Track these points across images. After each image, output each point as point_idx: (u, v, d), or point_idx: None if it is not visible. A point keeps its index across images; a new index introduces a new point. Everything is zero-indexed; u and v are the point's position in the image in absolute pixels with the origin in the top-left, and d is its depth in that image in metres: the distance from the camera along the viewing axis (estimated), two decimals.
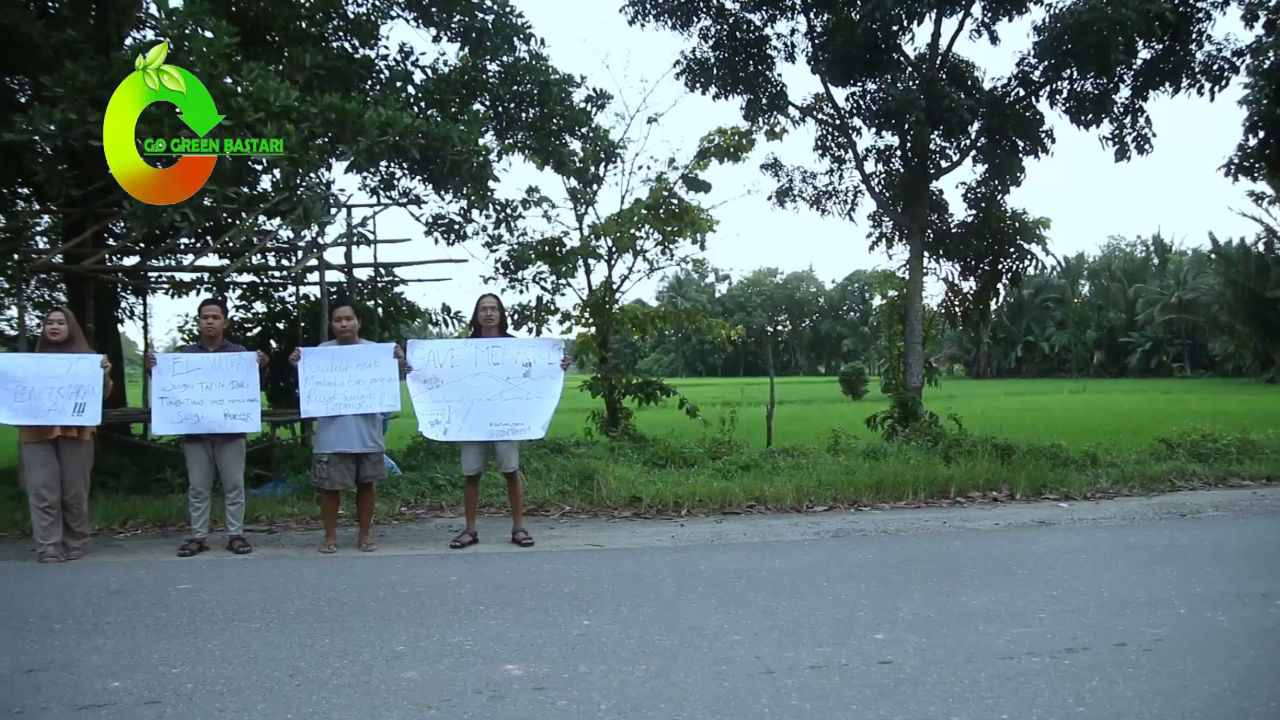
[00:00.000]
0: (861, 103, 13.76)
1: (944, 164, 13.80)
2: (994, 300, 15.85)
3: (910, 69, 13.35)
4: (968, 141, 13.60)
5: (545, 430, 7.44)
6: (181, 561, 6.81)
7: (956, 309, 15.23)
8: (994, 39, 13.37)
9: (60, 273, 11.86)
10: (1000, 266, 14.53)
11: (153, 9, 11.50)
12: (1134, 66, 12.29)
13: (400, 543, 7.50)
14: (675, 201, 13.35)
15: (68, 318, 7.18)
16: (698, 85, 13.62)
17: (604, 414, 13.52)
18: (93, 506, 7.49)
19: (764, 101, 13.85)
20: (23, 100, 11.15)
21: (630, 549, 7.15)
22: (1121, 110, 12.86)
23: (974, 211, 14.31)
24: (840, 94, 14.08)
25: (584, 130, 12.24)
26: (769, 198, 15.44)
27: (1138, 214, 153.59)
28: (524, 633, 4.59)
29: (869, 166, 14.43)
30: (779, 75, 13.88)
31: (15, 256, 10.95)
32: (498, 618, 4.89)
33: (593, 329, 13.76)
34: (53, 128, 8.12)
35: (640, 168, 13.93)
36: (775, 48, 13.78)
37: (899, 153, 13.92)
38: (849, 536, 7.45)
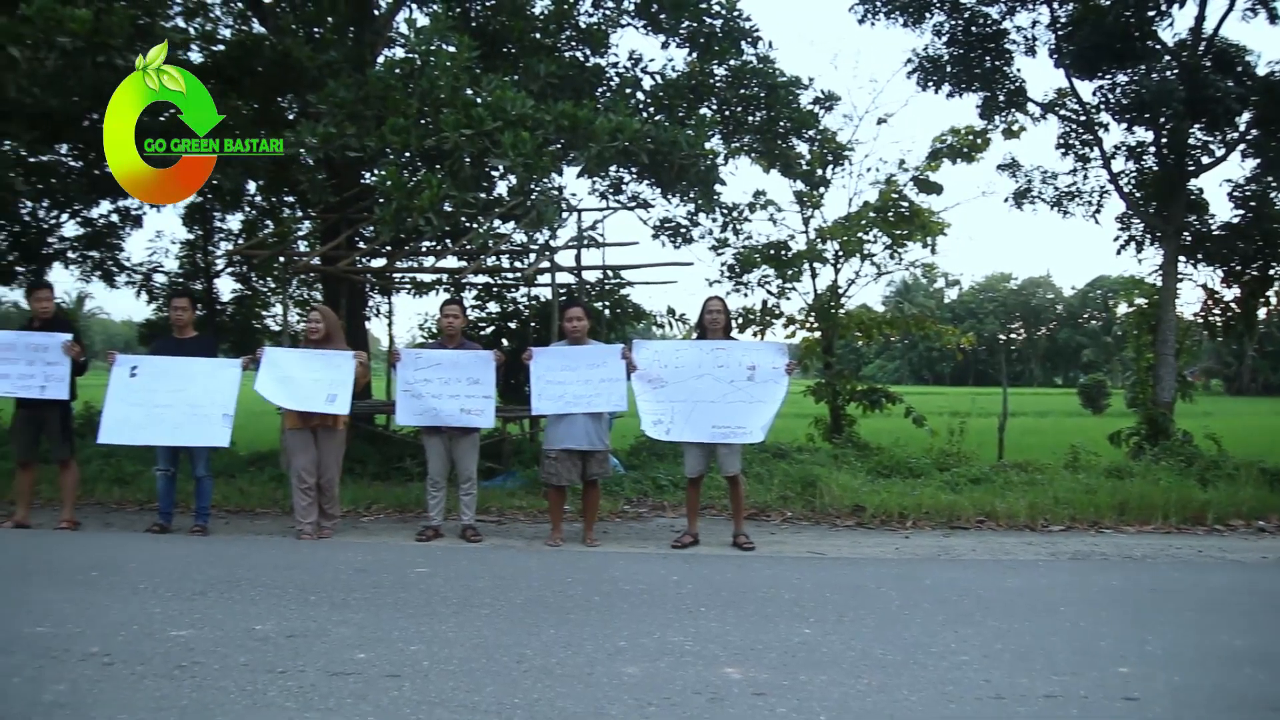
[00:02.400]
0: (1110, 96, 12.85)
1: (1205, 160, 12.71)
2: (1262, 309, 14.47)
3: (1168, 57, 12.37)
4: (1235, 134, 12.46)
5: (766, 434, 7.37)
6: (419, 546, 7.21)
7: (1216, 318, 14.00)
8: (1274, 17, 12.15)
9: (317, 273, 12.81)
10: (1271, 272, 13.25)
11: (402, 28, 12.29)
12: None
13: (623, 540, 7.64)
14: (905, 204, 12.96)
15: (326, 316, 7.74)
16: (930, 83, 13.18)
17: (827, 420, 13.28)
18: (342, 491, 8.04)
19: (1001, 98, 13.24)
20: (290, 117, 12.14)
21: (852, 559, 6.98)
22: None
23: (1241, 211, 13.09)
24: (1086, 88, 13.26)
25: (811, 132, 12.11)
26: (1005, 199, 14.72)
27: None
28: (744, 637, 4.55)
29: (1117, 164, 13.51)
30: (1017, 70, 13.23)
31: (281, 259, 11.94)
32: (718, 620, 4.87)
33: (817, 334, 13.56)
34: (315, 141, 8.77)
35: (869, 170, 13.61)
36: (1014, 41, 13.13)
37: (1152, 149, 12.96)
38: (1088, 559, 6.98)
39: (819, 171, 12.96)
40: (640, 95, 11.42)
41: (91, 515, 8.45)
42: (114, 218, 14.97)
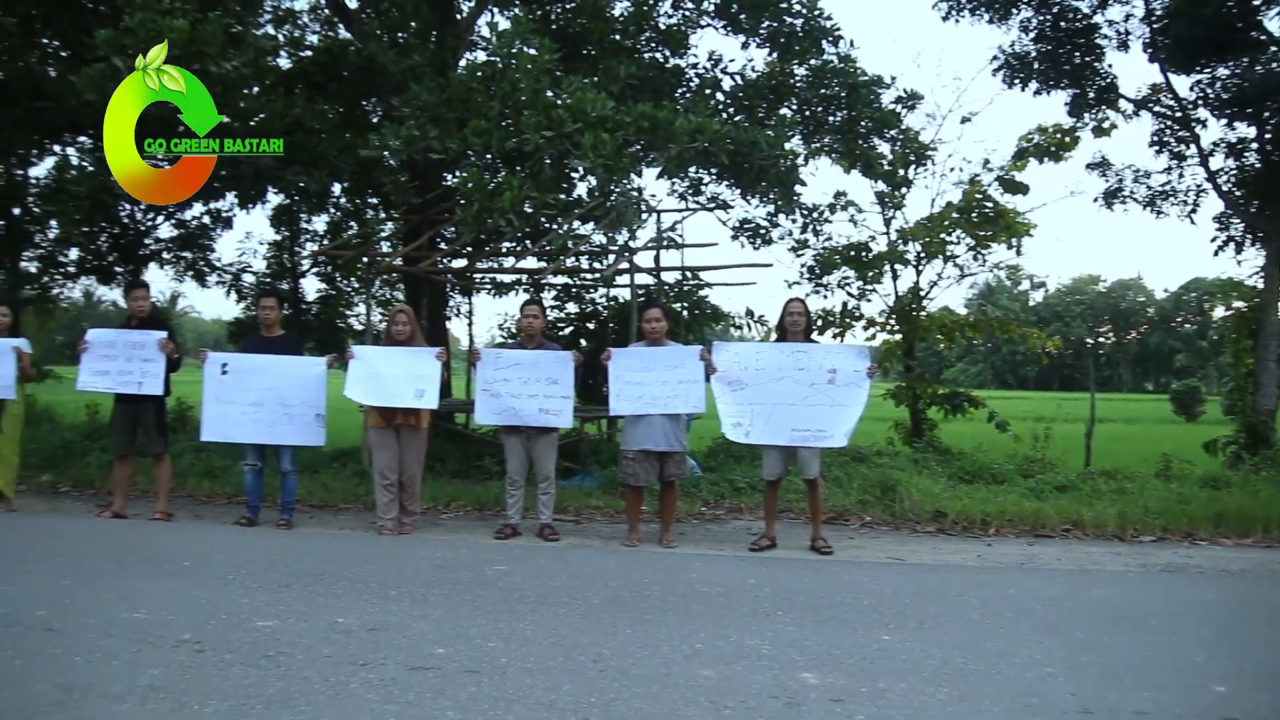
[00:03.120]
0: (1209, 90, 12.46)
1: None
2: None
3: (1275, 48, 11.91)
4: None
5: (848, 439, 7.26)
6: (497, 544, 7.28)
7: None
8: None
9: (400, 273, 13.03)
10: None
11: (484, 31, 12.45)
12: None
13: (700, 542, 7.61)
14: (989, 205, 12.70)
15: (410, 316, 7.87)
16: (1016, 81, 12.94)
17: (907, 424, 13.10)
18: (422, 488, 8.16)
19: (1090, 95, 12.94)
20: (374, 121, 12.37)
21: (933, 565, 6.86)
22: None
23: None
24: (1182, 83, 12.88)
25: (893, 132, 11.96)
26: (1095, 199, 14.38)
27: None
28: (821, 642, 4.49)
29: (1215, 162, 13.11)
30: (1108, 66, 12.92)
31: (364, 259, 12.18)
32: (795, 624, 4.83)
33: (898, 336, 13.37)
34: (398, 143, 8.92)
35: (952, 170, 13.45)
36: (1105, 36, 12.83)
37: (1255, 145, 12.49)
38: (1182, 572, 6.73)
39: (901, 172, 12.80)
40: (720, 96, 11.40)
41: (183, 507, 8.73)
42: (206, 219, 15.46)
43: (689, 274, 13.29)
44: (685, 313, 13.25)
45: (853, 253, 12.89)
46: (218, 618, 4.61)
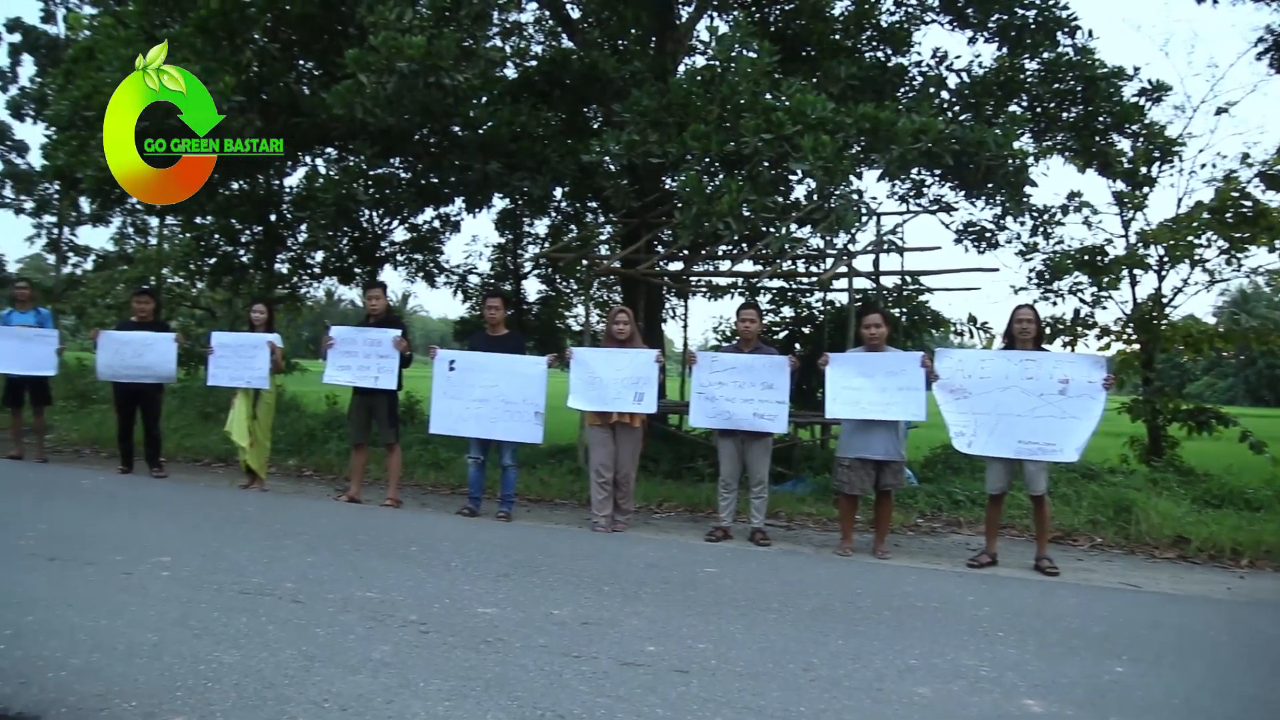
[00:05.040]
0: None
1: None
2: None
3: None
4: None
5: (1080, 454, 6.83)
6: (708, 546, 7.31)
7: None
8: None
9: (617, 276, 13.31)
10: None
11: (703, 35, 12.53)
12: None
13: (915, 554, 7.38)
14: (1247, 204, 11.63)
15: (630, 317, 8.02)
16: None
17: (1144, 441, 12.20)
18: (635, 487, 8.28)
19: None
20: (594, 126, 12.70)
21: (1173, 595, 6.35)
22: None
23: None
24: None
25: (1135, 127, 11.20)
26: None
27: None
28: (1046, 668, 4.23)
29: None
30: None
31: (584, 262, 12.51)
32: (1017, 647, 4.58)
33: (1136, 346, 12.47)
34: (619, 148, 9.11)
35: (1203, 166, 12.36)
36: None
37: None
38: None
39: (1143, 170, 11.93)
40: (944, 94, 11.03)
41: (411, 495, 9.25)
42: (436, 224, 16.30)
43: (909, 278, 12.92)
44: (904, 318, 12.88)
45: (1086, 257, 12.13)
46: (441, 602, 4.83)
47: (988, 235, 11.55)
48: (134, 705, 3.22)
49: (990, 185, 9.73)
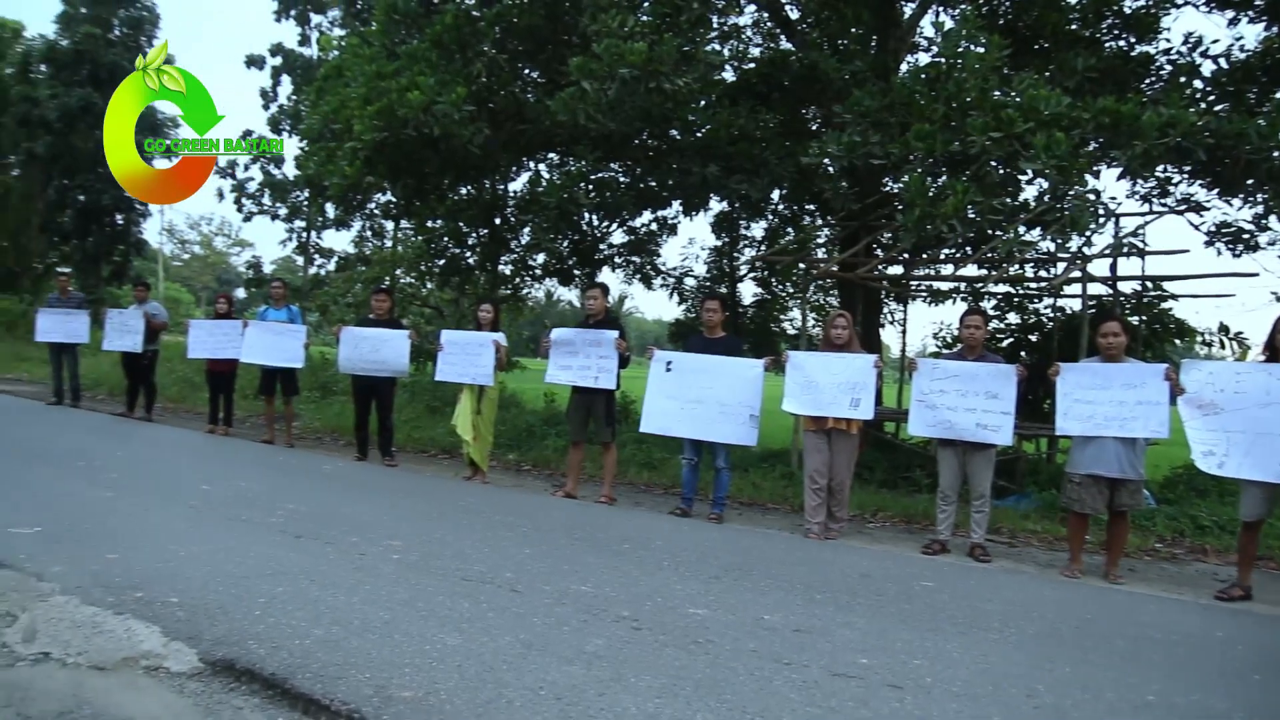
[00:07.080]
0: None
1: None
2: None
3: None
4: None
5: None
6: (924, 559, 7.07)
7: None
8: None
9: (835, 279, 13.10)
10: None
11: (928, 31, 12.15)
12: None
13: (1153, 581, 6.86)
14: None
15: (849, 321, 7.89)
16: None
17: None
18: (850, 495, 8.10)
19: None
20: (813, 128, 12.55)
21: None
22: None
23: None
24: None
25: None
26: None
27: None
28: None
29: None
30: None
31: (801, 265, 12.39)
32: (1278, 693, 4.17)
33: None
34: (839, 150, 8.96)
35: None
36: None
37: None
38: None
39: None
40: (1198, 83, 10.19)
41: (625, 494, 9.43)
42: (654, 226, 16.56)
43: (1150, 284, 12.04)
44: (1144, 327, 12.02)
45: None
46: (653, 600, 4.89)
47: (1245, 237, 10.59)
48: (367, 677, 3.43)
49: (1251, 181, 8.94)
